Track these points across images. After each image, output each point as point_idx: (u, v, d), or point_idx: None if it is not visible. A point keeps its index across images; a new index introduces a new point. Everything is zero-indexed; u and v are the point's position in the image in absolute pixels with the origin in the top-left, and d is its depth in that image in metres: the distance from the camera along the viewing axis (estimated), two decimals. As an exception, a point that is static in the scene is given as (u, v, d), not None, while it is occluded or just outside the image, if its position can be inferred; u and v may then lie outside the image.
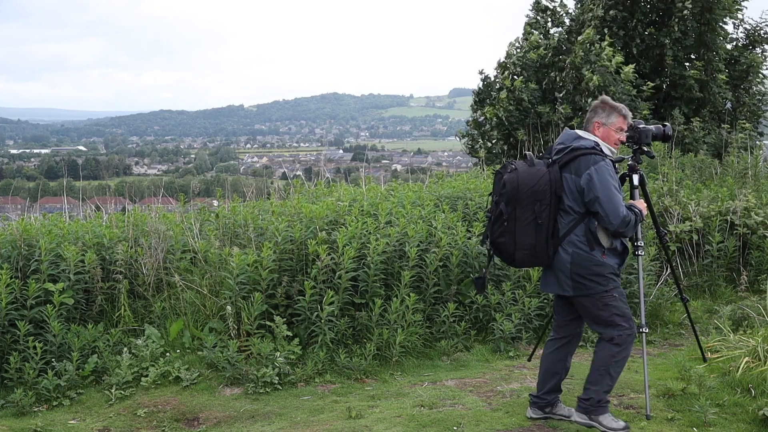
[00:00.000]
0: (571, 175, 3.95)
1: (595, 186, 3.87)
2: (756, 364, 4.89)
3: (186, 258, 6.20)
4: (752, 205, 7.56)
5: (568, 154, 3.99)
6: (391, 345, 5.52)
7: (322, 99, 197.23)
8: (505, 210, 3.93)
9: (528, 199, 3.91)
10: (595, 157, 3.93)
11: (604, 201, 3.86)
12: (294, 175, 9.81)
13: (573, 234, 3.96)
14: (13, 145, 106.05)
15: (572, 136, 4.08)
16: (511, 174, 3.94)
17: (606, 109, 4.13)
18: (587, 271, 3.95)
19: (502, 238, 4.00)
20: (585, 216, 3.95)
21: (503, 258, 4.13)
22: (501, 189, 3.95)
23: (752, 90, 14.41)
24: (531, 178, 3.92)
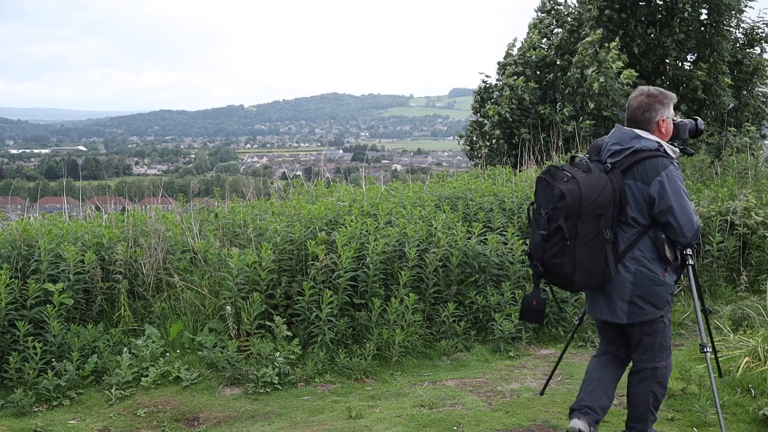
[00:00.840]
0: (636, 182, 3.47)
1: (668, 195, 3.42)
2: (756, 364, 4.89)
3: (186, 258, 6.20)
4: (752, 205, 7.56)
5: (629, 157, 3.49)
6: (390, 345, 5.52)
7: (322, 99, 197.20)
8: (566, 226, 3.40)
9: (591, 212, 3.41)
10: (663, 161, 3.46)
11: (678, 211, 3.42)
12: (294, 175, 9.82)
13: (636, 249, 3.50)
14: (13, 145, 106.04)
15: (629, 136, 3.56)
16: (569, 184, 3.41)
17: (665, 102, 3.62)
18: (648, 293, 3.52)
19: (559, 258, 3.46)
20: (649, 228, 3.51)
21: (556, 281, 3.60)
22: (558, 201, 3.41)
23: (755, 92, 14.41)
24: (593, 188, 3.42)
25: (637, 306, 3.52)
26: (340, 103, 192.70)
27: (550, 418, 4.48)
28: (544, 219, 3.49)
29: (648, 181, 3.44)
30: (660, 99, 3.60)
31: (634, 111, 3.60)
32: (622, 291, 3.52)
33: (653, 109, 3.59)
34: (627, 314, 3.55)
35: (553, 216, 3.44)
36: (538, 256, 3.53)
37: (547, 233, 3.48)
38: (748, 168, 9.27)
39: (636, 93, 3.65)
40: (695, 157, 10.36)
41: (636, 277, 3.49)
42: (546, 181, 3.54)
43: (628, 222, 3.50)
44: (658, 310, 3.56)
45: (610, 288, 3.53)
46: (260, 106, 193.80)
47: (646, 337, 3.61)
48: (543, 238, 3.49)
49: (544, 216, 3.49)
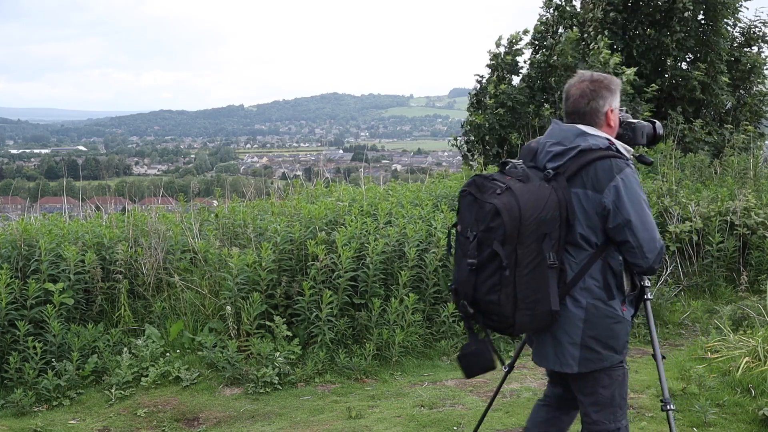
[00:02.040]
0: (585, 190, 2.71)
1: (625, 205, 2.68)
2: (756, 364, 4.89)
3: (186, 258, 6.21)
4: (752, 205, 7.56)
5: (575, 159, 2.73)
6: (390, 345, 5.52)
7: (322, 99, 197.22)
8: (503, 252, 2.60)
9: (534, 233, 2.63)
10: (618, 162, 2.73)
11: (638, 226, 2.68)
12: (294, 175, 9.82)
13: (588, 277, 2.73)
14: (13, 145, 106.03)
15: (573, 133, 2.79)
16: (504, 197, 2.62)
17: (612, 87, 2.88)
18: (605, 333, 2.74)
19: (494, 295, 2.65)
20: (602, 249, 2.75)
21: (491, 323, 2.75)
22: (491, 220, 2.61)
23: (753, 90, 14.42)
24: (535, 201, 2.64)
25: (591, 350, 2.75)
26: (340, 103, 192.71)
27: (550, 418, 4.48)
28: (472, 244, 2.67)
29: (600, 189, 2.69)
30: (606, 85, 2.86)
31: (576, 101, 2.84)
32: (573, 332, 2.74)
33: (600, 96, 2.83)
34: (578, 361, 2.76)
35: (485, 239, 2.63)
36: (467, 292, 2.71)
37: (477, 262, 2.66)
38: (748, 168, 9.28)
39: (575, 79, 2.89)
40: (695, 156, 10.37)
41: (589, 314, 2.72)
42: (472, 195, 2.72)
43: (576, 243, 2.73)
44: (617, 354, 2.79)
45: (556, 329, 2.76)
46: (260, 106, 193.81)
47: (603, 390, 2.83)
48: (472, 268, 2.67)
49: (473, 240, 2.67)
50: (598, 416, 2.86)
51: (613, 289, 2.75)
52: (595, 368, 2.78)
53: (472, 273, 2.68)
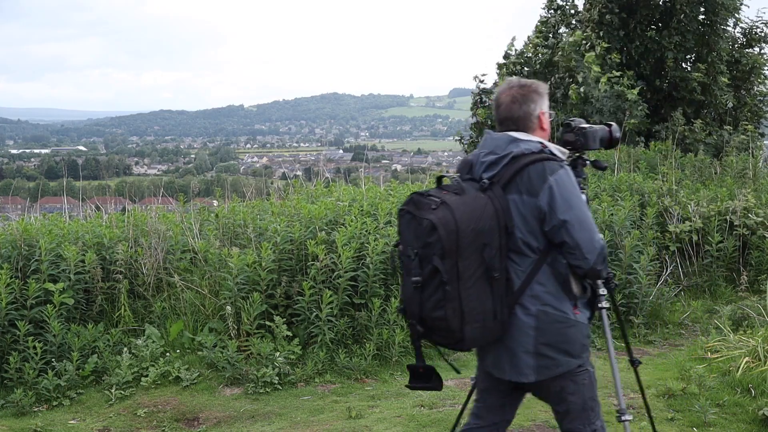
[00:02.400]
0: (521, 196, 2.70)
1: (559, 205, 2.66)
2: (756, 364, 4.89)
3: (186, 258, 6.21)
4: (752, 205, 7.56)
5: (508, 166, 2.72)
6: (390, 345, 5.52)
7: (322, 99, 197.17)
8: (443, 267, 2.57)
9: (472, 245, 2.60)
10: (550, 164, 2.71)
11: (574, 225, 2.65)
12: (294, 175, 9.82)
13: (535, 283, 2.71)
14: (13, 145, 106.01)
15: (505, 141, 2.78)
16: (439, 211, 2.60)
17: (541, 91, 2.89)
18: (558, 338, 2.71)
19: (440, 311, 2.61)
20: (546, 254, 2.72)
21: (441, 340, 2.73)
22: (428, 236, 2.59)
23: (753, 90, 14.42)
24: (471, 212, 2.61)
25: (545, 357, 2.71)
26: (340, 103, 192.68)
27: (550, 418, 4.48)
28: (414, 262, 2.65)
29: (535, 192, 2.68)
30: (535, 89, 2.87)
31: (508, 107, 2.84)
32: (525, 341, 2.71)
33: (531, 100, 2.84)
34: (534, 370, 2.72)
35: (425, 256, 2.61)
36: (414, 311, 2.67)
37: (420, 280, 2.63)
38: (748, 168, 9.28)
39: (504, 87, 2.89)
40: (695, 156, 10.37)
41: (539, 320, 2.69)
42: (410, 213, 2.69)
43: (519, 250, 2.71)
44: (574, 358, 2.75)
45: (509, 339, 2.73)
46: (260, 106, 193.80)
47: (572, 396, 2.80)
48: (417, 286, 2.64)
49: (414, 258, 2.65)
50: (573, 424, 2.86)
51: (562, 294, 2.73)
52: (553, 375, 2.75)
53: (416, 291, 2.65)
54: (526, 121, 2.83)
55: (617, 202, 7.35)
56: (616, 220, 6.72)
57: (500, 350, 2.78)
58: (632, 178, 8.46)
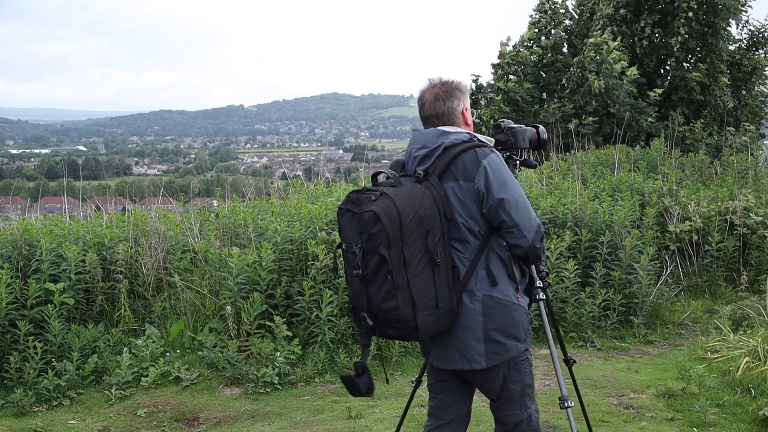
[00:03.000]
0: (458, 182, 2.75)
1: (493, 186, 2.72)
2: (756, 364, 4.89)
3: (186, 258, 6.21)
4: (752, 205, 7.57)
5: (441, 157, 2.78)
6: (390, 345, 5.52)
7: (322, 99, 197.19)
8: (390, 255, 2.57)
9: (416, 231, 2.62)
10: (482, 150, 2.79)
11: (511, 204, 2.71)
12: (294, 175, 9.82)
13: (479, 269, 2.74)
14: (13, 145, 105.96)
15: (434, 135, 2.85)
16: (380, 201, 2.61)
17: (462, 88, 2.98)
18: (506, 322, 2.75)
19: (391, 301, 2.59)
20: (488, 238, 2.78)
21: (393, 332, 2.69)
22: (372, 227, 2.58)
23: (754, 91, 14.43)
24: (412, 200, 2.64)
25: (496, 342, 2.74)
26: (340, 103, 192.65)
27: (550, 418, 4.48)
28: (358, 256, 2.63)
29: (471, 177, 2.74)
30: (457, 86, 2.95)
31: (432, 104, 2.91)
32: (475, 327, 2.72)
33: (454, 97, 2.92)
34: (485, 356, 2.74)
35: (370, 248, 2.60)
36: (363, 305, 2.66)
37: (364, 273, 2.62)
38: (748, 168, 9.28)
39: (426, 86, 2.97)
40: (695, 156, 10.37)
41: (486, 306, 2.72)
42: (350, 211, 2.69)
43: (462, 237, 2.75)
44: (521, 342, 2.81)
45: (458, 327, 2.74)
46: (260, 106, 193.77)
47: (515, 385, 2.85)
48: (361, 278, 2.64)
49: (359, 253, 2.63)
50: (511, 410, 2.89)
51: (504, 277, 2.77)
52: (502, 360, 2.78)
53: (363, 285, 2.65)
54: (450, 116, 2.91)
55: (617, 202, 7.35)
56: (616, 220, 6.72)
57: (448, 340, 2.79)
58: (632, 178, 8.47)
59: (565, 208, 6.93)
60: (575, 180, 8.17)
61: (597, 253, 6.50)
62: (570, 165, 9.39)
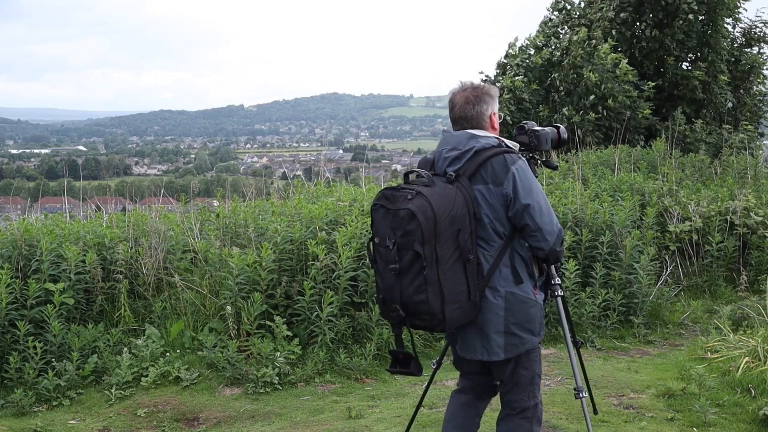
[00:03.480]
0: (487, 185, 2.94)
1: (521, 191, 2.92)
2: (756, 364, 4.89)
3: (186, 258, 6.21)
4: (752, 205, 7.57)
5: (471, 160, 2.96)
6: (391, 345, 5.52)
7: (322, 99, 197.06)
8: (425, 252, 2.75)
9: (448, 230, 2.80)
10: (510, 156, 2.97)
11: (536, 209, 2.91)
12: (294, 175, 9.82)
13: (502, 266, 2.95)
14: (13, 145, 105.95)
15: (465, 137, 3.02)
16: (416, 201, 2.78)
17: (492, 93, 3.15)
18: (524, 317, 2.96)
19: (422, 294, 2.79)
20: (511, 239, 2.98)
21: (422, 323, 2.91)
22: (408, 224, 2.77)
23: (753, 90, 14.43)
24: (444, 200, 2.82)
25: (514, 336, 2.95)
26: (340, 103, 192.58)
27: (550, 418, 4.48)
28: (393, 251, 2.82)
29: (500, 182, 2.93)
30: (487, 91, 3.13)
31: (462, 107, 3.08)
32: (496, 321, 2.94)
33: (483, 101, 3.09)
34: (504, 348, 2.96)
35: (405, 244, 2.79)
36: (395, 297, 2.86)
37: (399, 267, 2.81)
38: (748, 168, 9.28)
39: (457, 89, 3.14)
40: (695, 156, 10.37)
41: (508, 302, 2.93)
42: (384, 207, 2.86)
43: (488, 236, 2.95)
44: (536, 336, 3.02)
45: (481, 320, 2.95)
46: (260, 106, 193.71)
47: (524, 371, 3.06)
48: (396, 273, 2.83)
49: (393, 248, 2.82)
50: (519, 395, 3.10)
51: (525, 275, 2.98)
52: (519, 352, 3.00)
53: (397, 278, 2.84)
54: (479, 120, 3.08)
55: (618, 202, 7.35)
56: (617, 220, 6.72)
57: (471, 332, 3.00)
58: (633, 178, 8.47)
59: (565, 208, 6.93)
60: (576, 180, 8.17)
61: (597, 253, 6.50)
62: (571, 165, 9.40)
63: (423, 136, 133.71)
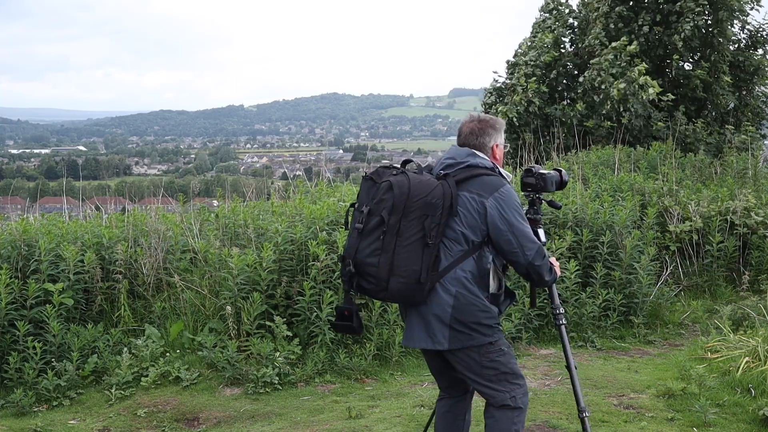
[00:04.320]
0: (471, 194, 3.13)
1: (504, 212, 3.10)
2: (756, 364, 4.89)
3: (186, 258, 6.20)
4: (752, 205, 7.56)
5: (464, 170, 3.20)
6: (391, 345, 5.52)
7: (322, 99, 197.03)
8: (389, 220, 3.00)
9: (417, 211, 3.02)
10: (500, 179, 3.20)
11: (518, 231, 3.10)
12: (294, 175, 9.81)
13: (459, 269, 3.09)
14: (13, 145, 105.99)
15: (465, 152, 3.28)
16: (398, 177, 3.07)
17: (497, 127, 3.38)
18: (471, 318, 3.09)
19: (375, 257, 3.02)
20: (477, 249, 3.13)
21: (368, 286, 3.10)
22: (384, 193, 3.03)
23: (755, 91, 14.41)
24: (423, 186, 3.06)
25: (459, 331, 3.09)
26: (340, 103, 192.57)
27: (550, 418, 4.48)
28: (364, 214, 3.08)
29: (485, 195, 3.12)
30: (492, 124, 3.37)
31: (466, 137, 3.35)
32: (442, 313, 3.08)
33: (486, 134, 3.34)
34: (448, 339, 3.09)
35: (376, 210, 3.04)
36: (351, 254, 3.09)
37: (363, 227, 3.06)
38: (748, 168, 9.28)
39: (466, 120, 3.41)
40: (696, 156, 10.37)
41: (457, 301, 3.07)
42: (372, 179, 3.15)
43: (456, 238, 3.11)
44: (485, 336, 3.12)
45: (427, 310, 3.10)
46: (260, 106, 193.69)
47: (488, 370, 3.17)
48: (359, 232, 3.08)
49: (365, 212, 3.08)
50: (493, 391, 3.20)
51: (480, 284, 3.11)
52: (464, 345, 3.11)
53: (358, 238, 3.08)
54: (481, 149, 3.32)
55: (618, 203, 7.35)
56: (617, 220, 6.72)
57: (416, 320, 3.16)
58: (633, 178, 8.47)
59: (566, 208, 6.93)
60: (576, 180, 8.17)
61: (597, 253, 6.50)
62: (571, 165, 9.39)
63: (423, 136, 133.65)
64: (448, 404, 3.42)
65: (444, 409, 3.42)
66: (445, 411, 3.41)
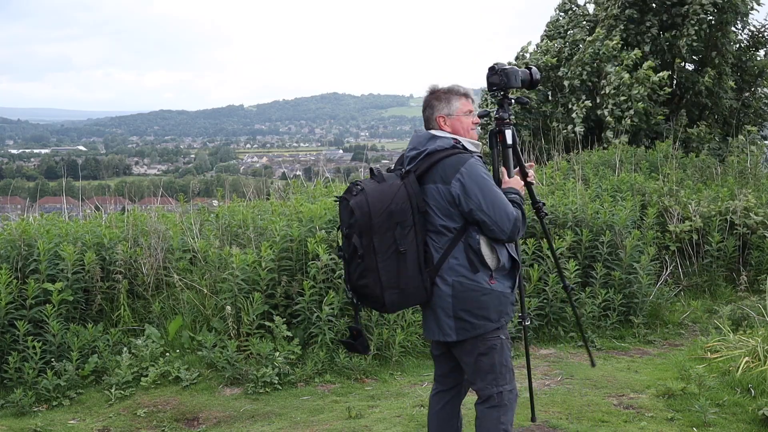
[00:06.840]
0: (436, 185, 3.12)
1: (472, 191, 3.07)
2: (756, 364, 4.89)
3: (185, 258, 6.20)
4: (752, 205, 7.56)
5: (424, 160, 3.16)
6: (390, 345, 5.52)
7: (322, 99, 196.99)
8: (360, 243, 3.03)
9: (385, 223, 3.04)
10: (461, 157, 3.13)
11: (489, 206, 3.06)
12: (294, 175, 9.82)
13: (451, 258, 3.12)
14: (13, 145, 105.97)
15: (425, 138, 3.24)
16: (357, 197, 3.05)
17: (442, 97, 3.28)
18: (474, 304, 3.11)
19: (364, 279, 3.08)
20: (462, 232, 3.13)
21: (370, 304, 3.21)
22: (349, 218, 3.06)
23: (758, 93, 14.38)
24: (383, 196, 3.05)
25: (463, 320, 3.12)
26: (340, 103, 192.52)
27: (550, 418, 4.48)
28: (344, 240, 3.14)
29: (448, 181, 3.09)
30: (438, 95, 3.28)
31: (423, 111, 3.35)
32: (446, 306, 3.14)
33: (430, 106, 3.30)
34: (455, 330, 3.13)
35: (349, 234, 3.08)
36: (347, 279, 3.18)
37: (344, 254, 3.15)
38: (748, 168, 9.28)
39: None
40: (696, 156, 10.36)
41: (455, 290, 3.10)
42: (345, 200, 3.13)
43: (438, 230, 3.14)
44: (491, 322, 3.13)
45: (434, 304, 3.17)
46: (260, 106, 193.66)
47: (483, 357, 3.18)
48: (344, 259, 3.16)
49: (344, 237, 3.14)
50: (481, 383, 3.23)
51: (477, 265, 3.12)
52: (471, 335, 3.14)
53: (345, 264, 3.17)
54: (429, 123, 3.32)
55: (618, 203, 7.34)
56: (617, 220, 6.71)
57: (428, 315, 3.24)
58: (633, 178, 8.46)
59: (566, 208, 6.93)
60: (577, 180, 8.16)
61: (597, 253, 6.50)
62: (572, 165, 9.39)
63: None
64: (443, 401, 3.43)
65: (438, 406, 3.44)
66: (439, 408, 3.43)
